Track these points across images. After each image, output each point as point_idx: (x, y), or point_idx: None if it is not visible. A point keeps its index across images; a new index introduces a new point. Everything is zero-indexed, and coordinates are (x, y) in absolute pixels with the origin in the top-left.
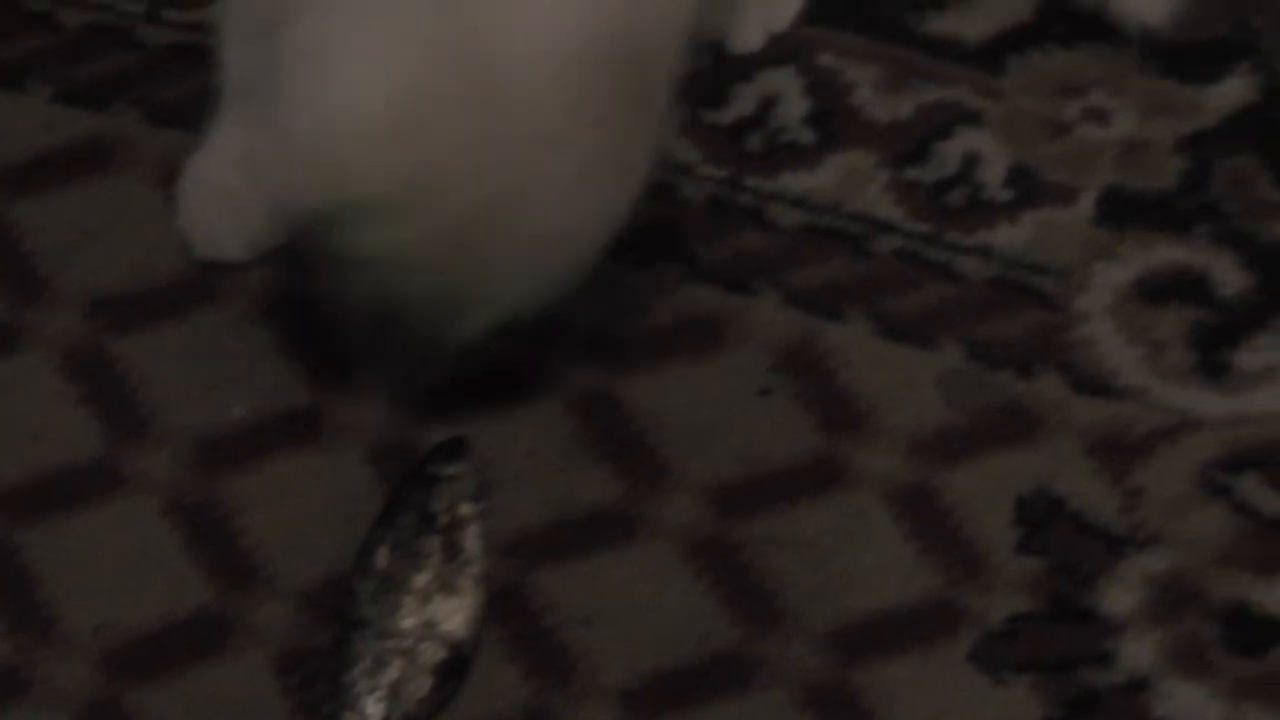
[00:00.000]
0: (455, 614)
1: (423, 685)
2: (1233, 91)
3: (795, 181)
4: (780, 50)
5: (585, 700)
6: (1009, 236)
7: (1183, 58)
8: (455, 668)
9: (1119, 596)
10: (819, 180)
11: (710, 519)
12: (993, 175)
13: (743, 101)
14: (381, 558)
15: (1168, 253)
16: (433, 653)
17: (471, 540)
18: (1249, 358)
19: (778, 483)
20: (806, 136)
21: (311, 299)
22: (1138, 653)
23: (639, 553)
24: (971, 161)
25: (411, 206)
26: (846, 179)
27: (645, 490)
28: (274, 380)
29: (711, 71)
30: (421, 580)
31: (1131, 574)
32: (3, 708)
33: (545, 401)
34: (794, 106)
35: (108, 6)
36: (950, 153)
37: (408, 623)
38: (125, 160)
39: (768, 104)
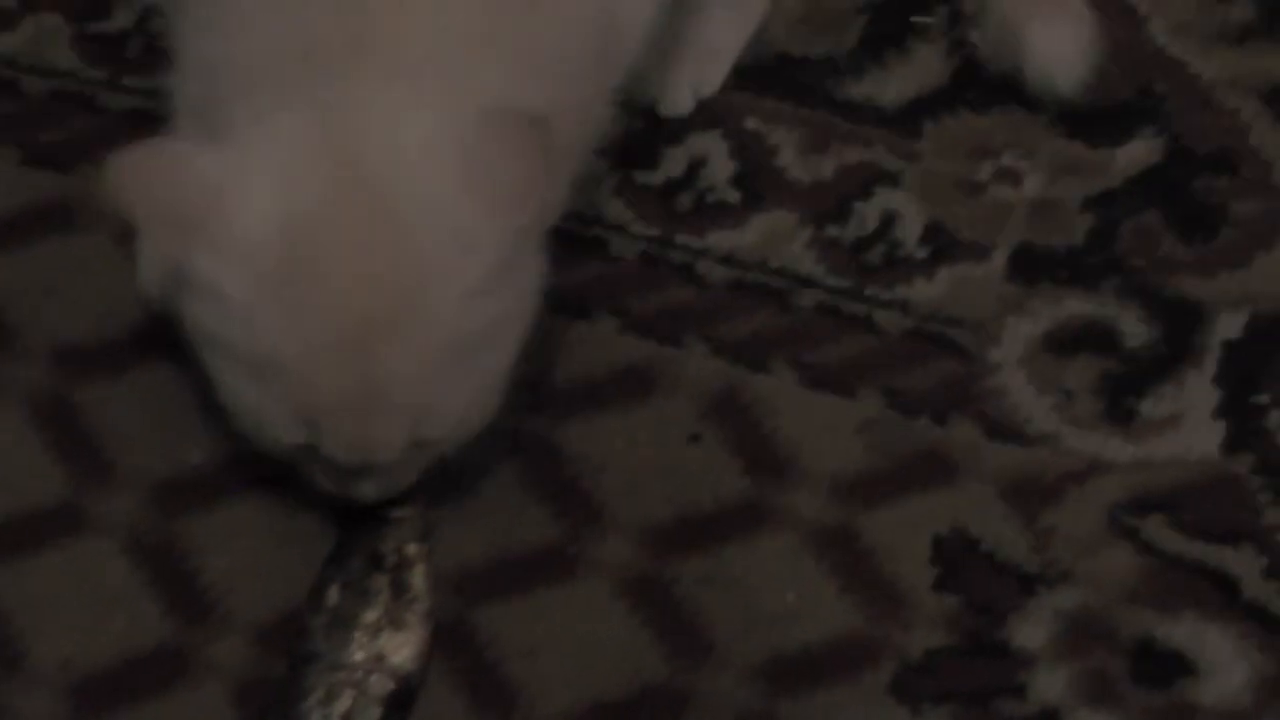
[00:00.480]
0: (403, 648)
1: (372, 715)
2: (1137, 153)
3: (722, 239)
4: (708, 115)
5: None
6: (925, 291)
7: (1090, 121)
8: (403, 699)
9: (1031, 632)
10: (745, 238)
11: (644, 558)
12: (909, 233)
13: (673, 163)
14: (333, 595)
15: (1076, 306)
16: (382, 684)
17: (418, 578)
18: (1154, 406)
19: (707, 524)
20: (733, 196)
21: None
22: (1049, 685)
23: (577, 590)
24: (889, 220)
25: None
26: (771, 237)
27: (583, 530)
28: (229, 427)
29: (643, 134)
30: (371, 616)
31: (1043, 610)
32: None
33: (485, 446)
34: (721, 168)
35: (71, 74)
36: (869, 212)
37: (358, 656)
38: (88, 219)
39: (696, 165)
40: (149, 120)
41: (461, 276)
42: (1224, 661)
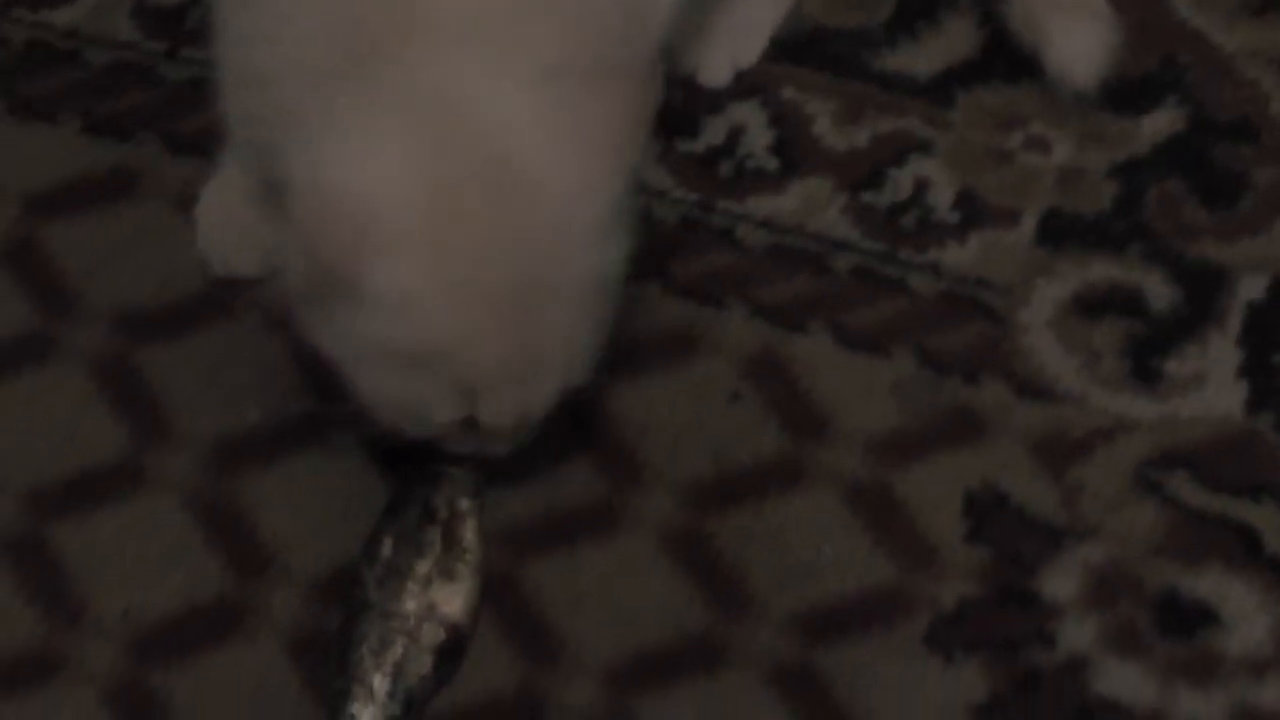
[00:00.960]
0: (454, 598)
1: (424, 664)
2: (1162, 123)
3: (761, 205)
4: (747, 85)
5: (572, 678)
6: (957, 255)
7: (1116, 92)
8: (453, 648)
9: (1060, 583)
10: (783, 204)
11: (685, 513)
12: (941, 199)
13: (713, 132)
14: (387, 547)
15: (1103, 270)
16: (433, 634)
17: (469, 532)
18: (1178, 366)
19: (746, 480)
20: (771, 164)
21: None
22: (1077, 635)
23: (621, 544)
24: (922, 187)
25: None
26: (808, 202)
27: (626, 487)
28: (285, 386)
29: (684, 105)
30: (423, 567)
31: (1071, 563)
32: (37, 685)
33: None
34: (760, 137)
35: (131, 45)
36: (902, 178)
37: (410, 606)
38: (148, 186)
39: (736, 134)
40: (206, 90)
41: (589, 225)
42: (1247, 613)
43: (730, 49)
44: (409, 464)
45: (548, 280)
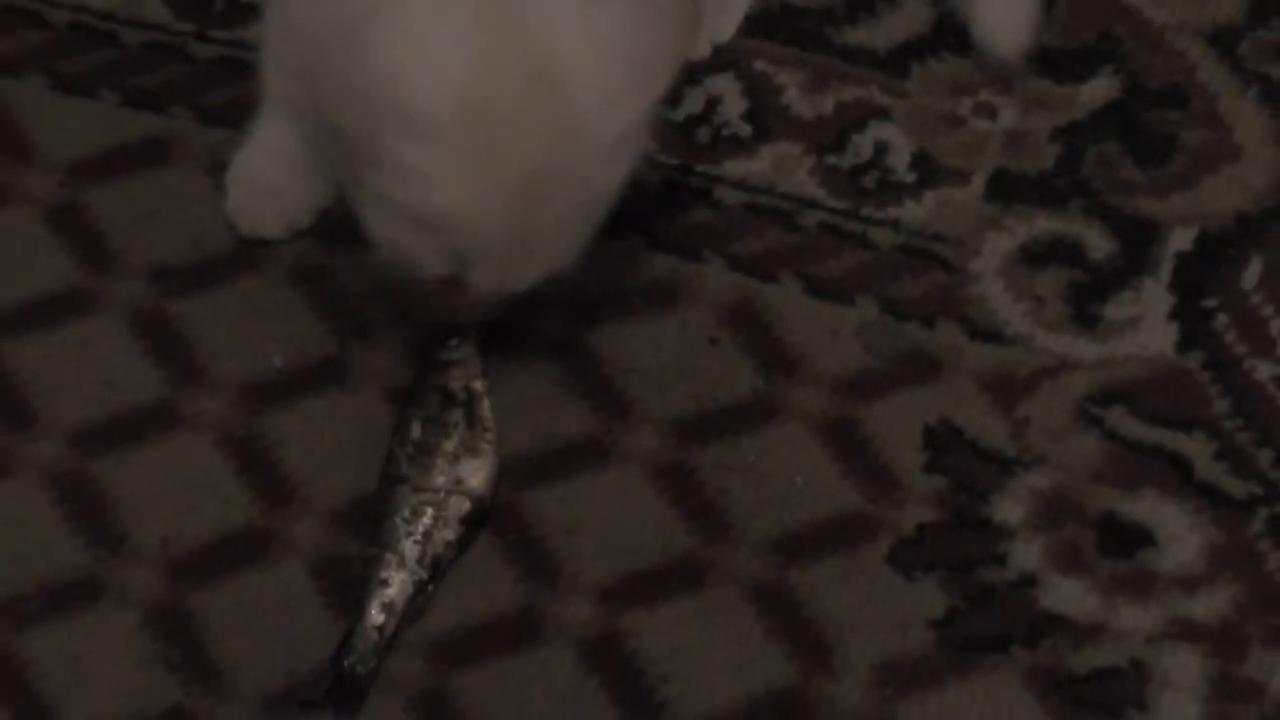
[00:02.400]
0: (478, 472)
1: (450, 533)
2: (1099, 90)
3: (736, 167)
4: (723, 59)
5: (569, 597)
6: (914, 212)
7: (1057, 61)
8: (477, 517)
9: (1010, 508)
10: (756, 166)
11: (670, 447)
12: (899, 161)
13: (692, 101)
14: (415, 429)
15: (1046, 224)
16: (459, 504)
17: (486, 410)
18: (1115, 310)
19: (725, 416)
20: (745, 130)
21: (335, 270)
22: (1026, 555)
23: (612, 475)
24: (882, 150)
25: (480, 170)
26: (778, 165)
27: (616, 423)
28: (306, 334)
29: None
30: (449, 445)
31: (1020, 490)
32: (84, 609)
33: (531, 350)
34: (734, 105)
35: (163, 27)
36: (864, 142)
37: (439, 480)
38: (180, 154)
39: (713, 103)
40: (232, 66)
41: (606, 138)
42: (1179, 533)
43: (708, 26)
44: (424, 353)
45: (559, 179)
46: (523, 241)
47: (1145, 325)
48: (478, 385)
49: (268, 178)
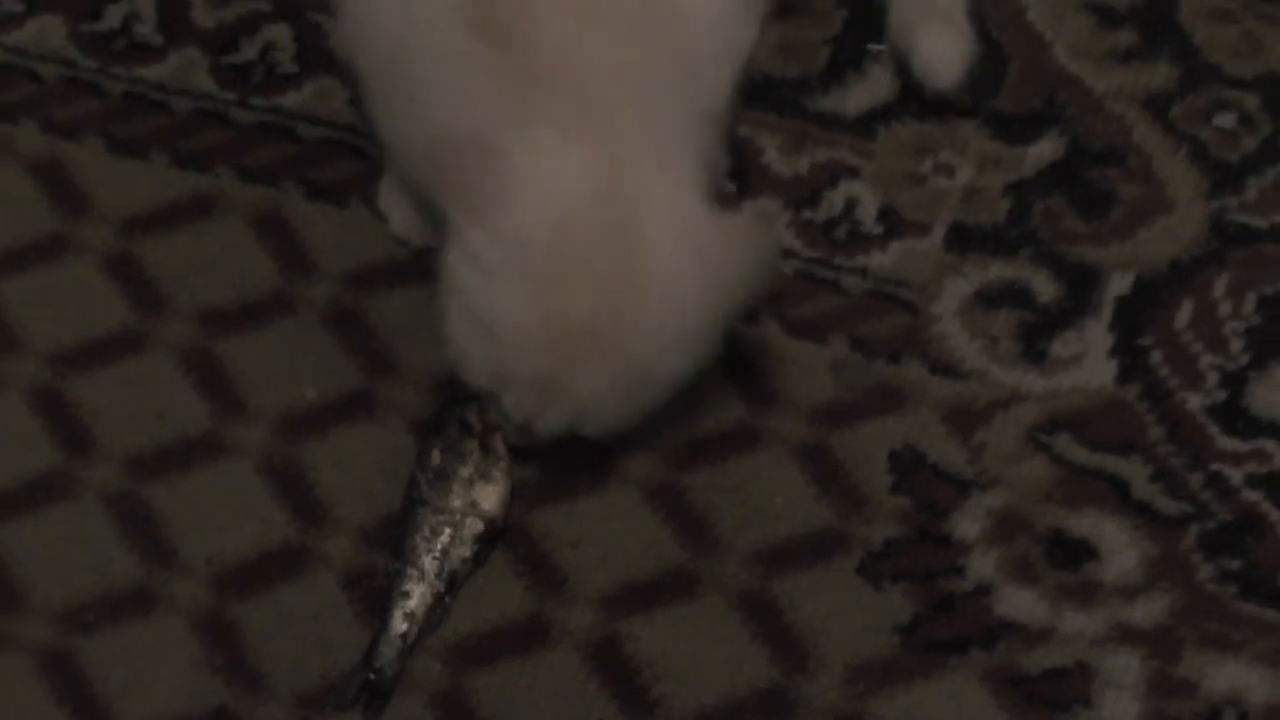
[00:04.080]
0: (491, 496)
1: (465, 550)
2: (1045, 150)
3: None
4: None
5: (573, 604)
6: (880, 260)
7: (1008, 125)
8: (490, 536)
9: (967, 525)
10: None
11: (664, 469)
12: (867, 214)
13: None
14: (435, 456)
15: (999, 270)
16: (474, 525)
17: (499, 442)
18: (1061, 347)
19: (713, 443)
20: (729, 187)
21: (364, 313)
22: (982, 567)
23: (612, 494)
24: (852, 204)
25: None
26: (760, 218)
27: (616, 449)
28: (338, 371)
29: None
30: (465, 471)
31: (976, 508)
32: (137, 618)
33: None
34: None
35: (209, 95)
36: (836, 198)
37: (455, 503)
38: (223, 209)
39: None
40: (271, 130)
41: (663, 337)
42: (1119, 548)
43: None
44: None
45: (604, 347)
46: (552, 386)
47: (1088, 361)
48: (493, 417)
49: (403, 195)
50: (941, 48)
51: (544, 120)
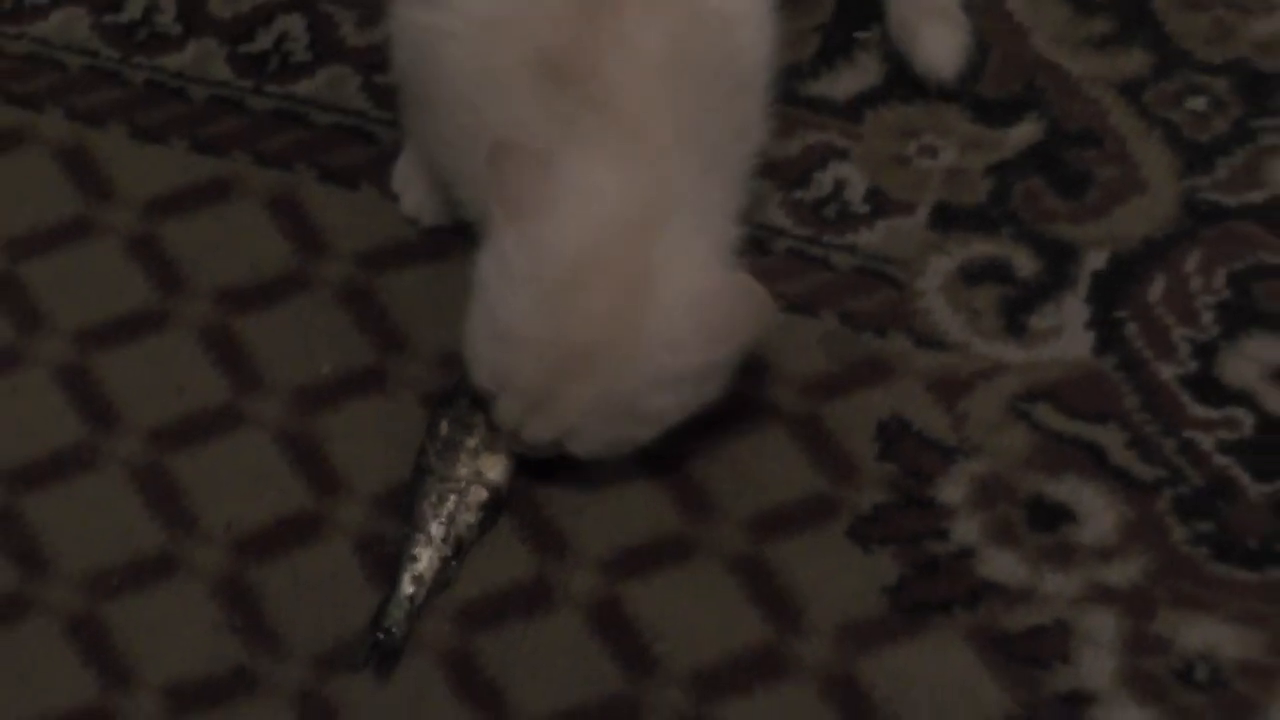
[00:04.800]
0: (495, 466)
1: (471, 516)
2: (1025, 133)
3: None
4: None
5: (576, 568)
6: (867, 238)
7: (989, 109)
8: (494, 505)
9: (951, 490)
10: None
11: (663, 441)
12: (855, 195)
13: None
14: (444, 427)
15: (981, 247)
16: (478, 493)
17: None
18: (1040, 321)
19: (710, 415)
20: None
21: (376, 291)
22: (966, 530)
23: (612, 465)
24: (840, 185)
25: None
26: (753, 199)
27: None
28: (351, 347)
29: None
30: (472, 442)
31: (960, 475)
32: (159, 582)
33: None
34: None
35: (226, 83)
36: (825, 179)
37: (462, 472)
38: (240, 192)
39: None
40: (285, 116)
41: (654, 374)
42: (1096, 511)
43: None
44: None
45: (598, 374)
46: (541, 398)
47: (1066, 333)
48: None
49: (418, 178)
50: (942, 42)
51: (595, 142)
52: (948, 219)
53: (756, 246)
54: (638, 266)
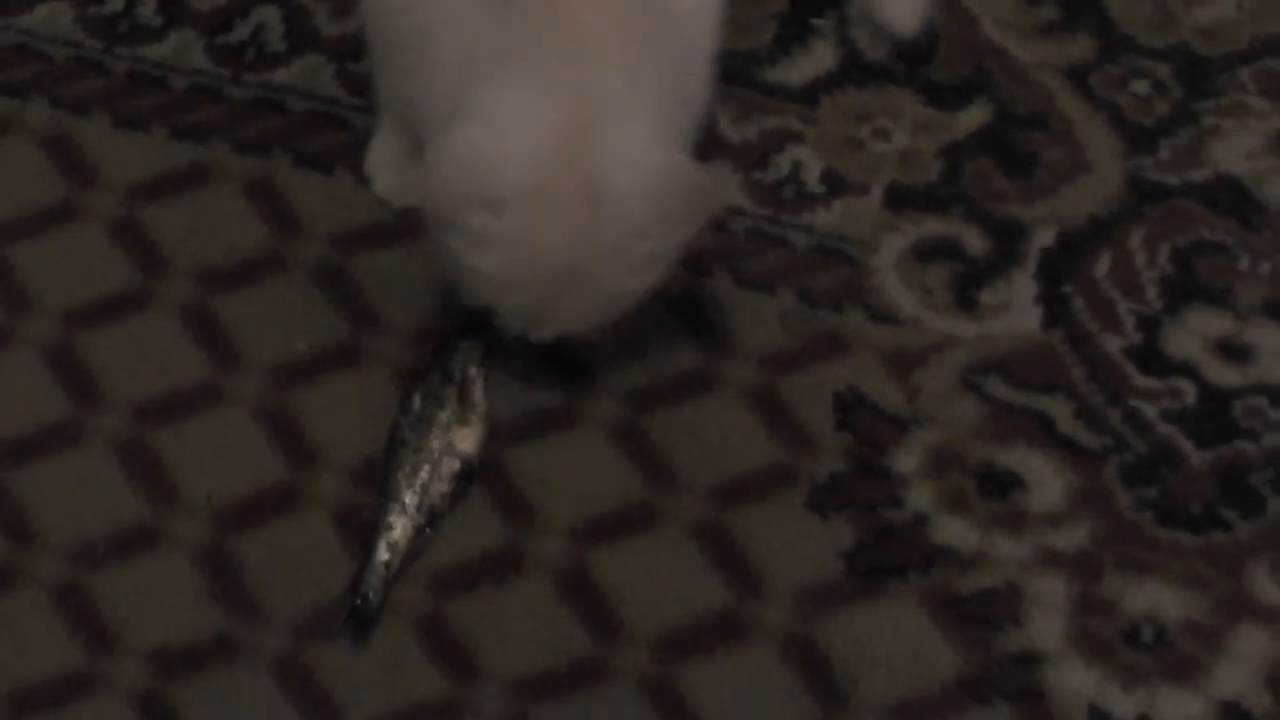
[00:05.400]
0: (466, 439)
1: (443, 486)
2: (975, 116)
3: None
4: None
5: (544, 536)
6: (824, 218)
7: (940, 92)
8: (466, 475)
9: (905, 460)
10: None
11: (627, 411)
12: (811, 176)
13: None
14: (417, 401)
15: (933, 226)
16: (450, 465)
17: (477, 391)
18: (990, 296)
19: (671, 387)
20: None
21: (349, 271)
22: (919, 498)
23: (578, 435)
24: (797, 167)
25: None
26: (714, 180)
27: (582, 393)
28: (326, 325)
29: None
30: (443, 416)
31: (914, 444)
32: (142, 553)
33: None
34: None
35: (204, 72)
36: (782, 161)
37: (434, 444)
38: (219, 178)
39: None
40: (262, 105)
41: (631, 256)
42: (1045, 479)
43: None
44: (433, 343)
45: (582, 276)
46: (542, 312)
47: (1015, 308)
48: (472, 371)
49: (390, 161)
50: (903, 1)
51: (530, 75)
52: (900, 199)
53: (716, 225)
54: (589, 181)
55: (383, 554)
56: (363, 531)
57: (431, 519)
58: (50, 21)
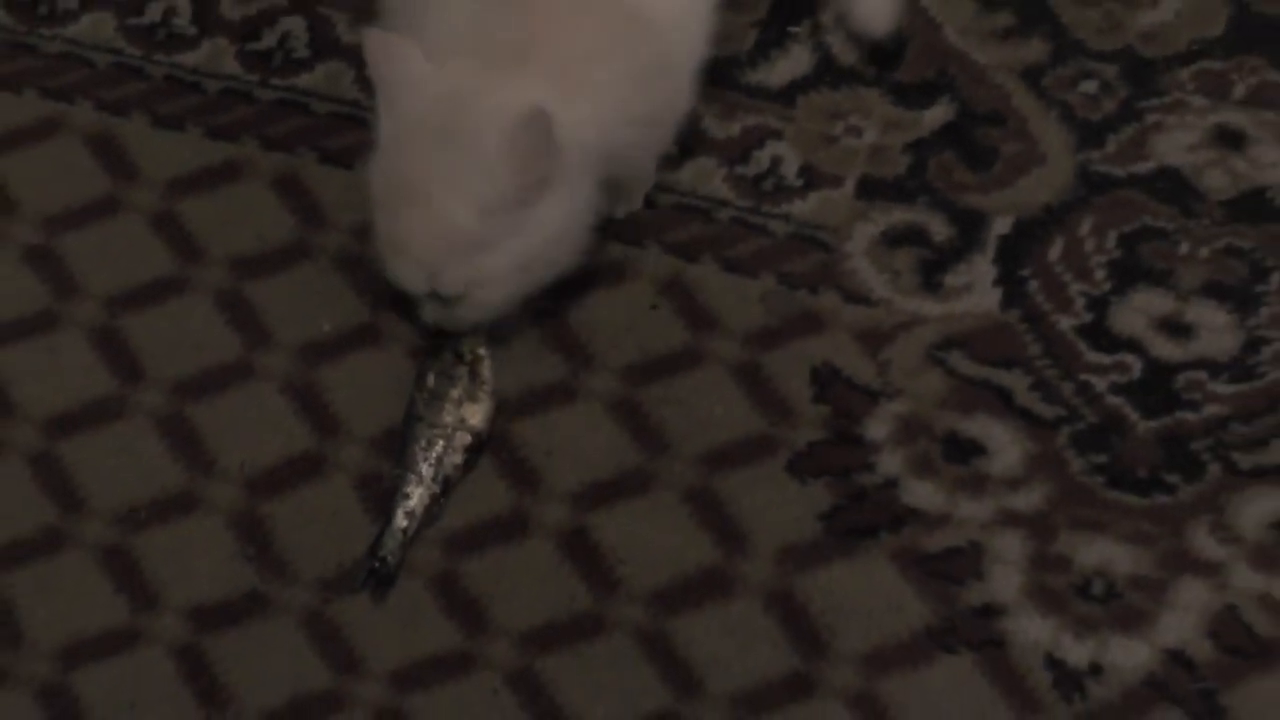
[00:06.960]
0: (477, 414)
1: (456, 458)
2: (938, 114)
3: (667, 177)
4: None
5: (547, 501)
6: (801, 208)
7: (906, 93)
8: (477, 447)
9: (877, 428)
10: (682, 176)
11: (623, 386)
12: (790, 170)
13: None
14: (430, 379)
15: (901, 215)
16: (462, 438)
17: (486, 369)
18: (953, 279)
19: (663, 363)
20: (673, 149)
21: (369, 258)
22: (890, 463)
23: (579, 407)
24: (776, 162)
25: None
26: (699, 174)
27: (581, 370)
28: (348, 307)
29: None
30: (455, 393)
31: (885, 414)
32: (181, 517)
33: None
34: None
35: (236, 76)
36: (763, 156)
37: (447, 419)
38: (250, 173)
39: None
40: (289, 106)
41: (475, 199)
42: (1004, 446)
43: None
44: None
45: (429, 218)
46: (395, 241)
47: (976, 290)
48: (481, 350)
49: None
50: (873, 3)
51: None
52: (871, 190)
53: (703, 215)
54: (448, 111)
55: (401, 520)
56: (383, 496)
57: (445, 487)
58: (94, 31)
